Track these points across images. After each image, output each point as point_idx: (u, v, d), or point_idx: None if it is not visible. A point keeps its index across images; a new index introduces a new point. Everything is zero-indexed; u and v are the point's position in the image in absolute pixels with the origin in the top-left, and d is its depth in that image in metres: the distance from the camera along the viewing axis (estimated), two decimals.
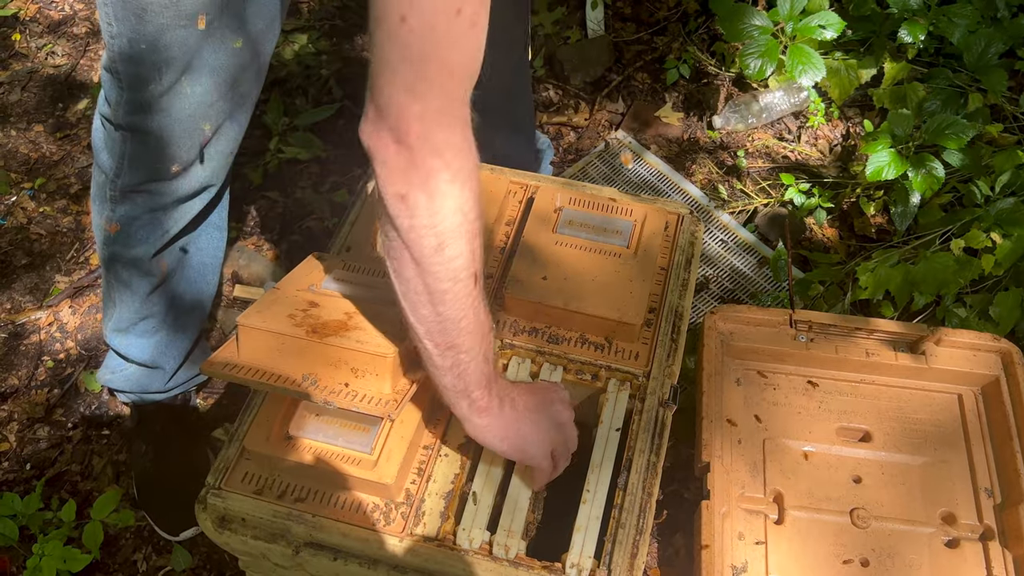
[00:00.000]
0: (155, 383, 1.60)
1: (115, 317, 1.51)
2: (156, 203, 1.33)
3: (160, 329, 1.52)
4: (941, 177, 1.77)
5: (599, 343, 1.20)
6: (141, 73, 1.15)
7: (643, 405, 1.14)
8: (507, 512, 1.04)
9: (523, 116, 1.84)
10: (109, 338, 1.55)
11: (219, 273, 1.59)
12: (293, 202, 2.08)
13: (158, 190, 1.30)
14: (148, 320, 1.50)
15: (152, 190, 1.30)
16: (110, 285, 1.47)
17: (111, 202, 1.33)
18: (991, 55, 2.03)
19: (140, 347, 1.54)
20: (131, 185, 1.30)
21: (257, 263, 1.95)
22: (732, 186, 2.12)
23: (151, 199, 1.32)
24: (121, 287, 1.45)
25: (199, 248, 1.49)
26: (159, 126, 1.21)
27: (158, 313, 1.50)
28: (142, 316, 1.49)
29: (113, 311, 1.50)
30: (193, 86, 1.18)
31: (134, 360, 1.55)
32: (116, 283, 1.45)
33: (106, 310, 1.53)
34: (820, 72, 1.98)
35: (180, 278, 1.48)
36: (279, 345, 1.00)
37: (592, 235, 1.28)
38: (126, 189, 1.30)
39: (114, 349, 1.57)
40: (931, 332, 1.46)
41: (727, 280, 1.95)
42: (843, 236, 2.02)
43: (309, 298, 1.07)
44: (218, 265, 1.57)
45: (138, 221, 1.35)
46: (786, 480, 1.37)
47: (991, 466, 1.40)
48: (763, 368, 1.50)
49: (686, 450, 1.61)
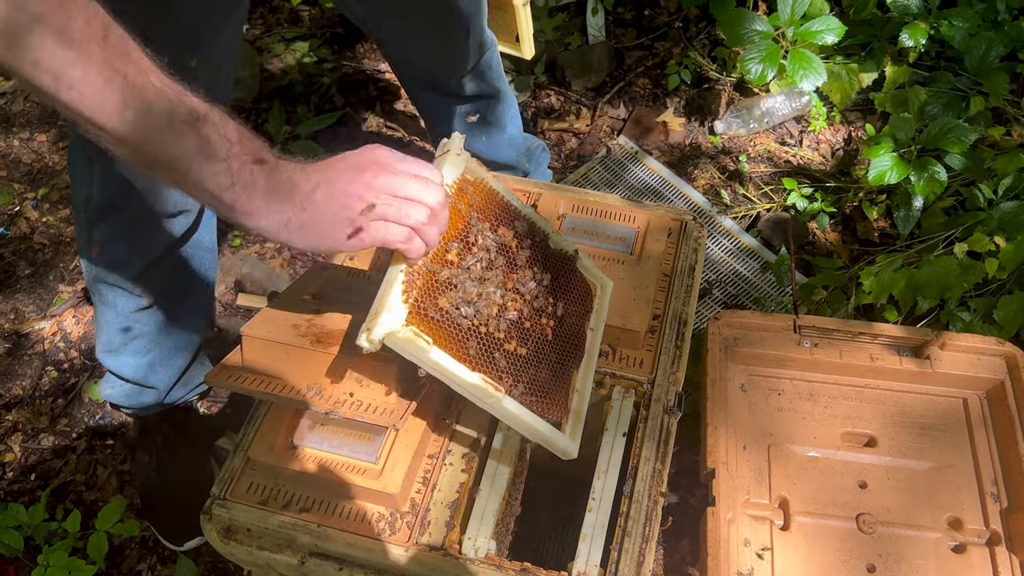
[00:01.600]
0: (152, 398, 1.60)
1: (104, 339, 1.50)
2: (132, 224, 1.33)
3: (152, 349, 1.52)
4: (943, 181, 1.77)
5: (604, 350, 1.20)
6: None
7: (648, 412, 1.14)
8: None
9: (500, 114, 1.82)
10: (101, 359, 1.54)
11: (212, 292, 1.59)
12: None
13: (131, 211, 1.30)
14: (138, 340, 1.49)
15: (125, 211, 1.30)
16: (97, 306, 1.47)
17: (88, 223, 1.33)
18: (992, 58, 2.04)
19: (132, 367, 1.53)
20: (104, 206, 1.30)
21: (260, 271, 1.96)
22: (735, 191, 2.12)
23: (126, 220, 1.32)
24: (107, 308, 1.45)
25: (189, 269, 1.48)
26: None
27: (148, 333, 1.49)
28: (132, 336, 1.48)
29: (102, 332, 1.50)
30: None
31: (128, 379, 1.55)
32: (102, 305, 1.45)
33: (97, 331, 1.52)
34: (821, 77, 1.98)
35: (170, 299, 1.48)
36: (283, 355, 1.00)
37: (595, 242, 1.29)
38: (100, 210, 1.31)
39: (107, 369, 1.57)
40: (935, 336, 1.45)
41: (731, 285, 1.95)
42: (846, 240, 2.02)
43: (313, 308, 1.07)
44: (210, 285, 1.56)
45: (117, 242, 1.35)
46: (791, 486, 1.37)
47: (997, 470, 1.39)
48: (767, 373, 1.49)
49: (691, 456, 1.61)
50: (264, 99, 2.34)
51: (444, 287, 0.96)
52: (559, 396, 1.04)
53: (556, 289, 1.09)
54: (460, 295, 0.97)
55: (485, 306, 0.98)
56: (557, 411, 1.02)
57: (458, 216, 1.00)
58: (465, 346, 0.95)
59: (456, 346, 0.94)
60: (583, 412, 1.07)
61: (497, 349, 0.98)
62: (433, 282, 0.95)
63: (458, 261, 0.99)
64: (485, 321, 0.98)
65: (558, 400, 1.03)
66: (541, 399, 1.01)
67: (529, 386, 1.00)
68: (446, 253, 0.98)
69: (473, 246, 1.01)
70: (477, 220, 1.03)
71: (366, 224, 0.85)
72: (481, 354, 0.96)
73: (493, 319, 0.99)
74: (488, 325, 0.98)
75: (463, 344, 0.95)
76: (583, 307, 1.13)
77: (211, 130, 0.77)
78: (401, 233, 0.87)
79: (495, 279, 1.01)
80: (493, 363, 0.97)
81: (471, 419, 1.13)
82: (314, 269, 1.18)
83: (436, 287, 0.95)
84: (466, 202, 1.02)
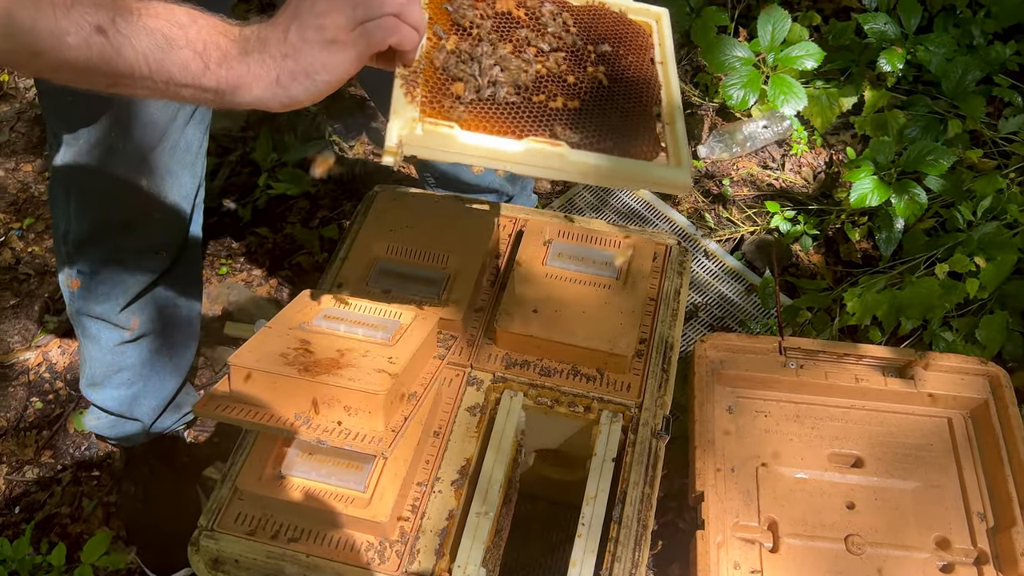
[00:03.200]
0: (137, 429, 1.59)
1: (87, 372, 1.49)
2: (111, 259, 1.33)
3: (136, 382, 1.50)
4: (924, 203, 1.79)
5: (591, 375, 1.21)
6: (72, 123, 1.15)
7: (636, 437, 1.15)
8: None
9: None
10: (85, 392, 1.53)
11: (198, 325, 1.58)
12: (283, 238, 2.09)
13: (109, 246, 1.30)
14: (122, 373, 1.48)
15: (104, 245, 1.30)
16: (80, 339, 1.46)
17: (68, 257, 1.33)
18: (969, 82, 2.07)
19: (116, 400, 1.52)
20: (81, 239, 1.30)
21: (247, 299, 1.95)
22: (718, 214, 2.14)
23: (105, 255, 1.32)
24: (90, 342, 1.44)
25: (173, 304, 1.47)
26: (96, 180, 1.21)
27: (132, 367, 1.48)
28: (115, 369, 1.47)
29: (86, 365, 1.49)
30: (125, 142, 1.18)
31: (112, 412, 1.54)
32: (84, 338, 1.45)
33: (80, 363, 1.51)
34: (802, 101, 2.01)
35: (154, 333, 1.47)
36: (271, 384, 1.00)
37: (582, 267, 1.30)
38: (79, 243, 1.31)
39: (91, 402, 1.55)
40: (919, 357, 1.47)
41: (716, 308, 1.96)
42: (829, 262, 2.04)
43: (301, 336, 1.08)
44: (195, 319, 1.55)
45: (97, 276, 1.34)
46: (780, 508, 1.37)
47: (983, 490, 1.40)
48: (754, 395, 1.50)
49: (679, 479, 1.61)
50: (251, 127, 2.35)
51: (451, 70, 0.89)
52: (643, 133, 0.92)
53: (595, 37, 1.00)
54: (471, 70, 0.89)
55: (507, 70, 0.90)
56: (645, 149, 0.90)
57: (439, 11, 0.94)
58: (498, 117, 0.86)
59: (488, 121, 0.86)
60: (681, 140, 0.93)
61: (539, 107, 0.88)
62: (437, 69, 0.88)
63: (458, 42, 0.92)
64: (513, 84, 0.89)
65: (643, 137, 0.91)
66: (619, 142, 0.89)
67: (597, 133, 0.89)
68: (441, 42, 0.91)
69: (473, 27, 0.94)
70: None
71: (348, 37, 0.80)
72: (521, 117, 0.87)
73: (524, 79, 0.90)
74: (519, 89, 0.89)
75: (495, 116, 0.86)
76: (638, 44, 1.03)
77: (159, 22, 0.75)
78: (385, 26, 0.81)
79: (511, 45, 0.93)
80: (541, 122, 0.87)
81: (460, 445, 1.13)
82: (302, 298, 1.18)
83: (443, 74, 0.88)
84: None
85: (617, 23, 1.04)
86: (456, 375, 1.20)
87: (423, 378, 1.12)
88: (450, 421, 1.15)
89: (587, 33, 1.01)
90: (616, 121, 0.92)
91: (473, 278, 1.26)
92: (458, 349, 1.23)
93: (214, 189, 2.17)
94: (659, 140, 0.93)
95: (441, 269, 1.27)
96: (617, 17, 1.05)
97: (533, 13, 0.99)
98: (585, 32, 1.01)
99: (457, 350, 1.23)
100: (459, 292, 1.24)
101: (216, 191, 2.17)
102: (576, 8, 1.04)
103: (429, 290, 1.25)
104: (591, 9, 1.05)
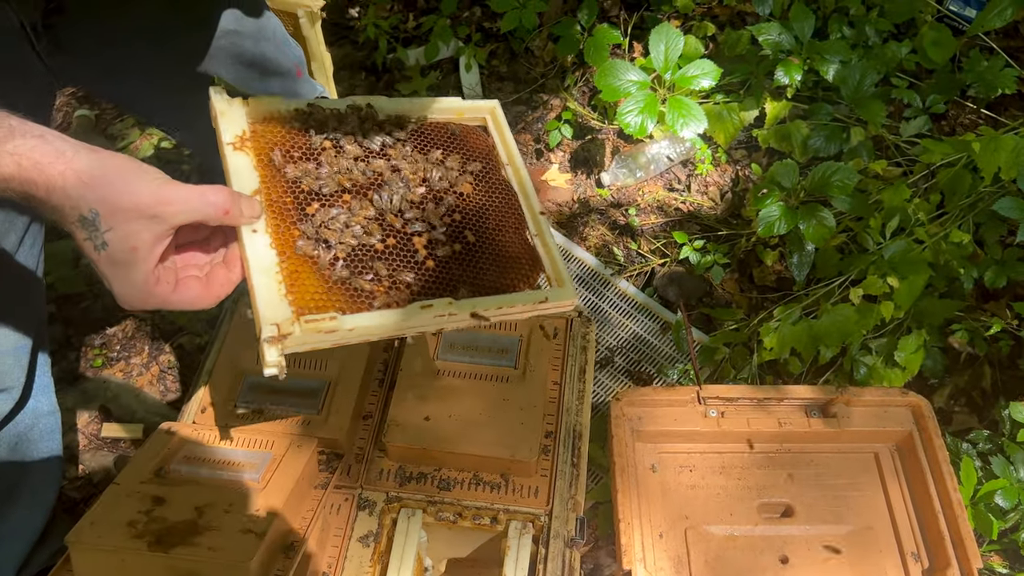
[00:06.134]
0: None
1: None
2: None
3: None
4: (832, 227, 1.74)
5: (495, 482, 1.10)
6: None
7: (548, 550, 1.05)
8: None
9: None
10: None
11: (59, 459, 1.42)
12: (162, 319, 1.91)
13: None
14: None
15: None
16: None
17: None
18: (867, 86, 2.03)
19: None
20: None
21: (127, 394, 1.78)
22: (627, 247, 2.06)
23: None
24: None
25: (26, 441, 1.32)
26: None
27: None
28: None
29: None
30: None
31: None
32: None
33: None
34: (701, 124, 1.94)
35: (6, 480, 1.31)
36: (118, 565, 0.86)
37: (477, 358, 1.18)
38: None
39: None
40: (839, 393, 1.42)
41: (632, 351, 1.88)
42: (744, 288, 1.97)
43: (154, 493, 0.94)
44: (56, 449, 1.39)
45: None
46: (712, 571, 1.30)
47: (915, 528, 1.36)
48: (677, 449, 1.43)
49: (608, 545, 1.53)
50: None
51: (315, 254, 0.84)
52: (522, 259, 0.91)
53: (436, 161, 0.97)
54: (335, 255, 0.84)
55: (366, 244, 0.86)
56: (529, 274, 0.91)
57: (276, 177, 0.88)
58: (373, 295, 0.83)
59: (364, 300, 0.83)
60: (555, 253, 0.93)
61: (413, 271, 0.86)
62: (301, 256, 0.83)
63: (314, 212, 0.86)
64: (378, 255, 0.86)
65: (523, 263, 0.91)
66: (501, 276, 0.89)
67: (476, 276, 0.88)
68: (297, 217, 0.86)
69: (315, 194, 0.88)
70: (296, 161, 0.90)
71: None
72: (401, 288, 0.84)
73: (381, 249, 0.87)
74: (385, 257, 0.86)
75: (370, 295, 0.83)
76: (486, 160, 0.99)
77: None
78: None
79: (357, 213, 0.88)
80: (419, 287, 0.85)
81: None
82: (159, 433, 1.04)
83: (307, 260, 0.83)
84: (267, 148, 0.90)
85: (466, 139, 1.01)
86: (344, 500, 1.08)
87: (304, 515, 1.00)
88: (340, 558, 1.03)
89: (426, 156, 0.97)
90: (488, 257, 0.90)
91: (356, 383, 1.13)
92: (345, 468, 1.10)
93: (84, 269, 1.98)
94: (538, 263, 0.92)
95: (319, 376, 1.14)
96: (455, 133, 1.01)
97: (373, 173, 0.93)
98: (424, 155, 0.97)
99: (344, 469, 1.10)
100: (341, 402, 1.12)
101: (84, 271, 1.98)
102: (409, 136, 0.98)
103: (306, 403, 1.12)
104: (422, 129, 1.00)
